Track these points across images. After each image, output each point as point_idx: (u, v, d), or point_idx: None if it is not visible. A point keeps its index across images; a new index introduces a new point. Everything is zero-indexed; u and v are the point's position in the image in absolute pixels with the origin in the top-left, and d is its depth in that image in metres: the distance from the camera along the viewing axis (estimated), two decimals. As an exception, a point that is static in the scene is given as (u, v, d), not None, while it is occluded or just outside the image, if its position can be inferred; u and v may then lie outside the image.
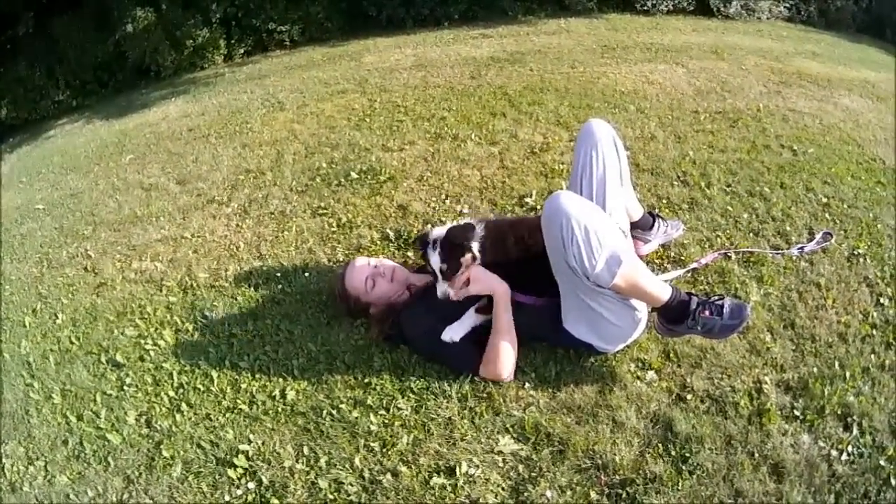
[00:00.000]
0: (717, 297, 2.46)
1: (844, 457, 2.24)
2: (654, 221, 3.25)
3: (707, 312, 2.41)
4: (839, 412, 2.40)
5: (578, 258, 2.26)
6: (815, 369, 2.59)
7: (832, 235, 3.35)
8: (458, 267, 2.64)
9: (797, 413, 2.41)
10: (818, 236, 3.37)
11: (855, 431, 2.33)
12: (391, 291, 3.01)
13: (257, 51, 11.30)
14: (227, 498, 2.39)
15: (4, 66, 10.97)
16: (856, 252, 3.27)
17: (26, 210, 5.53)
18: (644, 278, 2.38)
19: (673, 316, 2.46)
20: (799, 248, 3.28)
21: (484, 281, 2.64)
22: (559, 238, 2.27)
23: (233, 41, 11.14)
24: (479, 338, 2.69)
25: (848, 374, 2.55)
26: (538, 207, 3.89)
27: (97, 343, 3.34)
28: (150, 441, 2.68)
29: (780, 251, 3.29)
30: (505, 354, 2.61)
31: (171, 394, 2.91)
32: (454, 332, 2.67)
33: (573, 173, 2.96)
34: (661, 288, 2.41)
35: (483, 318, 2.70)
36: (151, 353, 3.18)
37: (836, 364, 2.61)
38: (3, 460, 2.71)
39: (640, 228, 3.21)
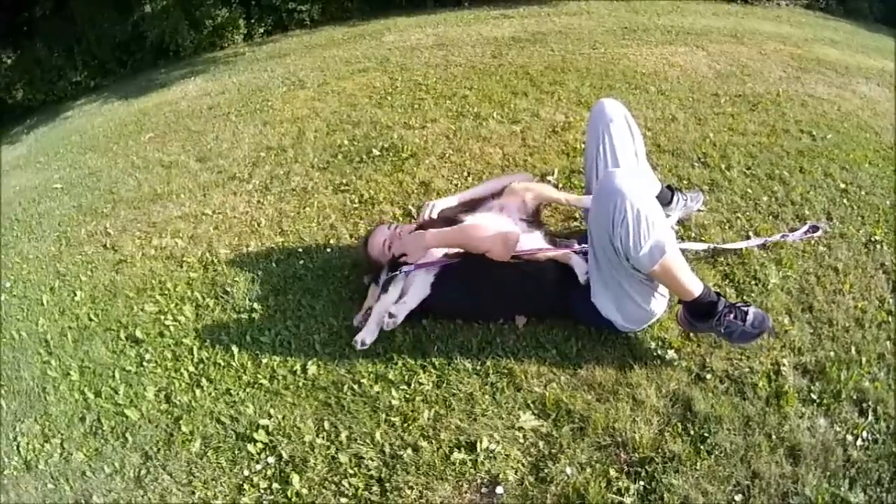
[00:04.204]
0: (742, 304, 2.48)
1: (859, 442, 2.24)
2: (672, 195, 3.25)
3: (732, 316, 2.43)
4: (855, 397, 2.39)
5: (624, 240, 2.26)
6: (832, 353, 2.58)
7: (818, 228, 3.31)
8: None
9: (814, 396, 2.41)
10: (805, 227, 3.32)
11: (870, 417, 2.32)
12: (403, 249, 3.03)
13: (277, 30, 11.34)
14: (246, 473, 2.40)
15: (22, 48, 11.01)
16: (873, 238, 3.26)
17: (44, 189, 5.57)
18: (681, 271, 2.39)
19: (698, 312, 2.47)
20: (782, 236, 3.26)
21: (411, 252, 2.89)
22: (609, 216, 2.27)
23: (252, 21, 11.19)
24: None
25: (864, 360, 2.55)
26: (559, 185, 3.92)
27: (116, 319, 3.36)
28: (169, 416, 2.70)
29: (768, 238, 3.25)
30: (481, 240, 2.75)
31: (191, 369, 2.92)
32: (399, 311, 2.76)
33: (587, 154, 2.99)
34: (694, 283, 2.42)
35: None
36: (171, 328, 3.21)
37: (853, 349, 2.61)
38: (19, 438, 2.73)
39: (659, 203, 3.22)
